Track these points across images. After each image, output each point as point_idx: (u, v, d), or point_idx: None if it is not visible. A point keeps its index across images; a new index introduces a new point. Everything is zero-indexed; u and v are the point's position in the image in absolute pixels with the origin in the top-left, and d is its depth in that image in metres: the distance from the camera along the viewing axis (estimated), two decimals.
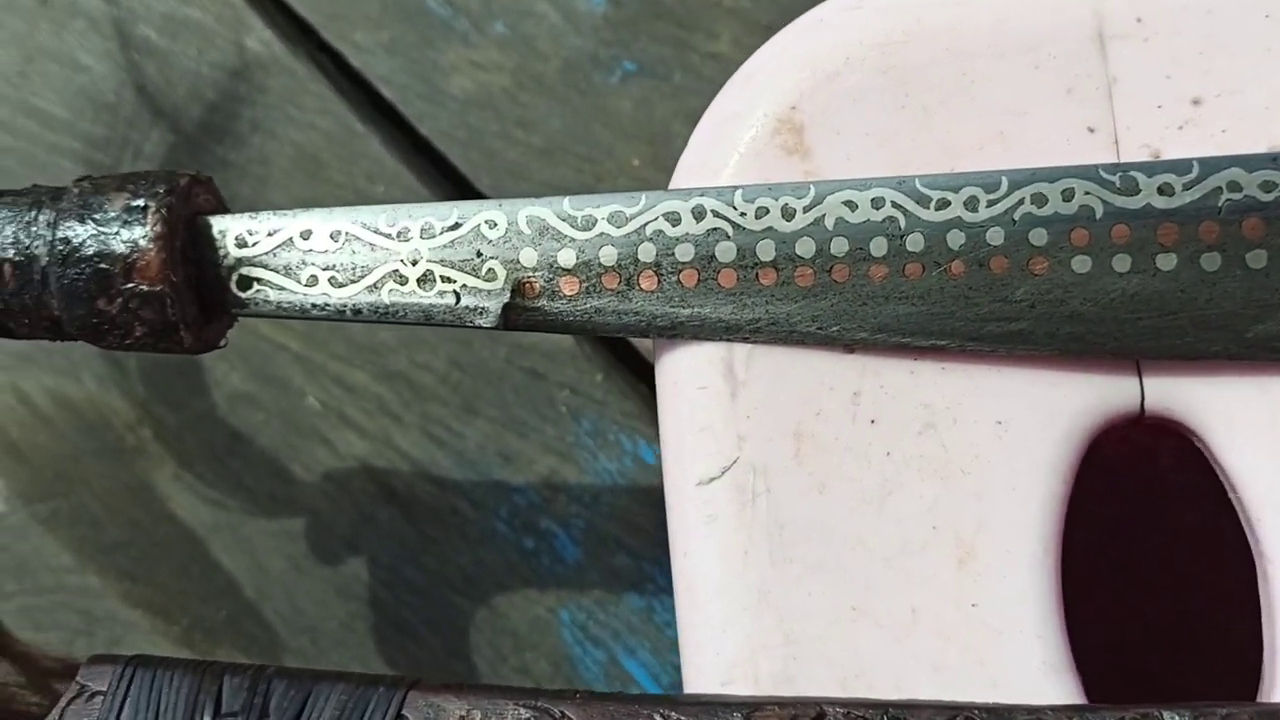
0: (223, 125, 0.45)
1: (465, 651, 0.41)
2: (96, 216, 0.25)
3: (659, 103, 0.41)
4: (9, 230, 0.26)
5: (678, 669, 0.39)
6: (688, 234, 0.23)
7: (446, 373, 0.42)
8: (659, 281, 0.23)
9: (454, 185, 0.43)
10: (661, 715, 0.21)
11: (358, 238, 0.25)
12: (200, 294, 0.26)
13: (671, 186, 0.25)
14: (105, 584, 0.43)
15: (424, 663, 0.41)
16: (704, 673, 0.24)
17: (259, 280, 0.25)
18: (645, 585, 0.40)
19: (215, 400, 0.43)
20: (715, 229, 0.23)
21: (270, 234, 0.25)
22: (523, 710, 0.22)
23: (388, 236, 0.25)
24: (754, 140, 0.24)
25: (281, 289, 0.25)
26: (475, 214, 0.24)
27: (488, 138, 0.42)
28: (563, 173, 0.42)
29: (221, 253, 0.26)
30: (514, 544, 0.41)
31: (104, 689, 0.23)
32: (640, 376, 0.42)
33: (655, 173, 0.41)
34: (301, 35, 0.45)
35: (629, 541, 0.40)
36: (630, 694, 0.21)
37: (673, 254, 0.23)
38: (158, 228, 0.25)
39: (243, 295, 0.25)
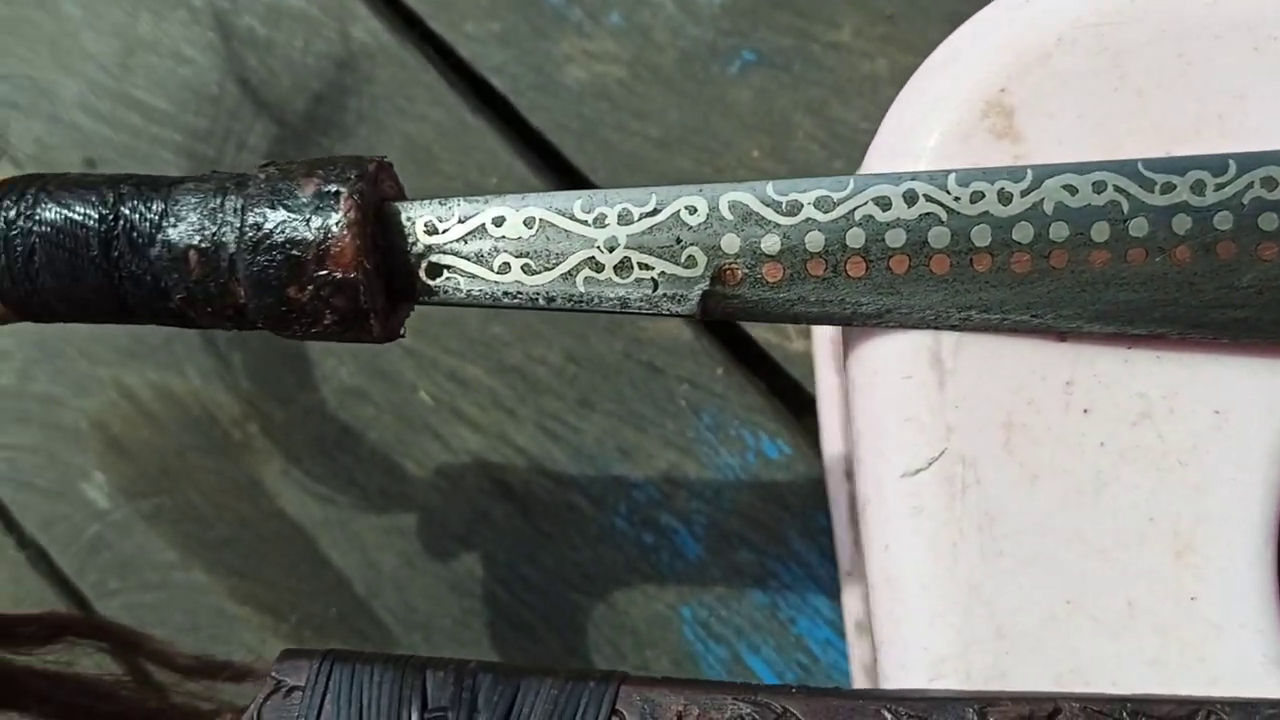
0: (329, 116, 0.44)
1: (584, 649, 0.40)
2: (288, 202, 0.25)
3: (779, 93, 0.41)
4: (194, 217, 0.25)
5: (803, 666, 0.39)
6: (899, 219, 0.23)
7: (562, 366, 0.41)
8: (867, 268, 0.23)
9: (568, 177, 0.43)
10: (890, 711, 0.21)
11: (552, 224, 0.24)
12: (388, 282, 0.25)
13: (863, 171, 0.25)
14: (212, 581, 0.43)
15: (541, 660, 0.41)
16: (908, 668, 0.23)
17: (449, 268, 0.25)
18: (769, 581, 0.39)
19: (324, 395, 0.43)
20: (928, 214, 0.23)
21: (461, 221, 0.25)
22: (742, 705, 0.21)
23: (583, 223, 0.24)
24: (959, 124, 0.24)
25: (473, 277, 0.25)
26: (674, 199, 0.24)
27: (603, 129, 0.42)
28: (680, 164, 0.41)
29: (410, 240, 0.25)
30: (633, 540, 0.40)
31: (301, 684, 0.23)
32: (760, 370, 0.41)
33: (775, 164, 0.41)
34: (409, 25, 0.45)
35: (752, 537, 0.39)
36: (853, 689, 0.20)
37: (883, 239, 0.23)
38: (351, 214, 0.24)
39: (432, 283, 0.25)
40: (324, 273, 0.24)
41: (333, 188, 0.25)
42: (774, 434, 0.39)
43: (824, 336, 0.37)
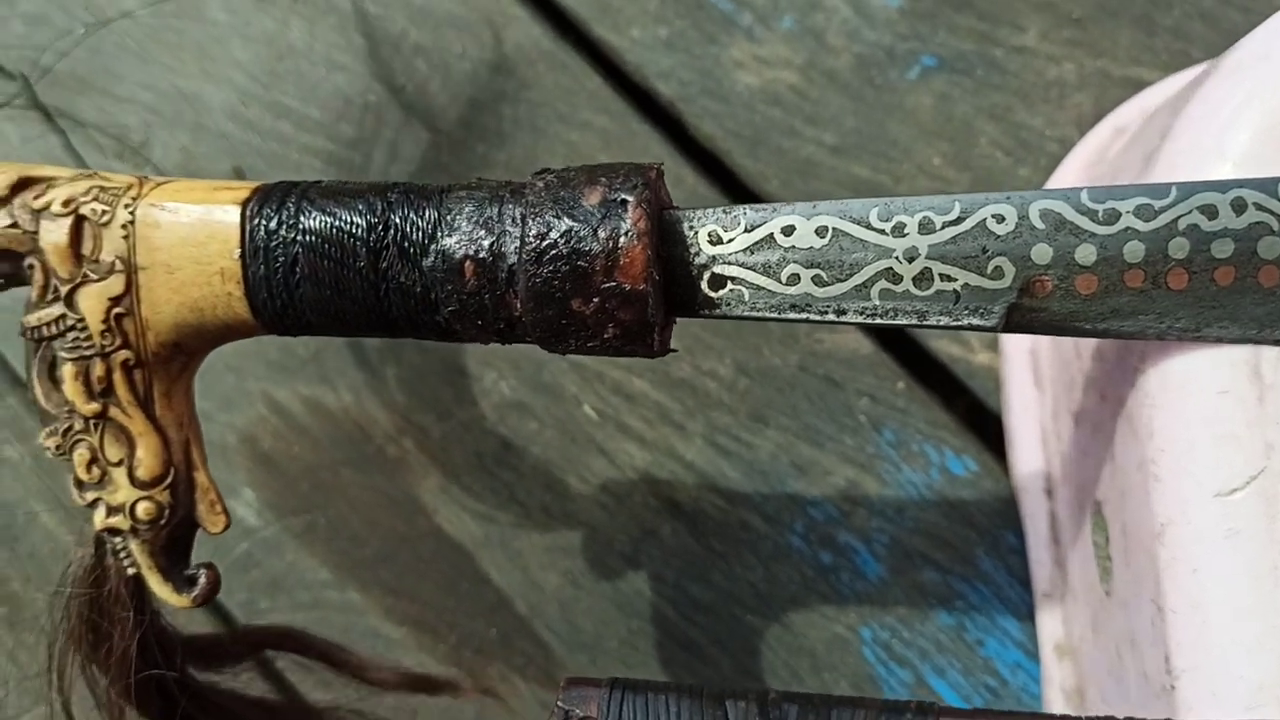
0: (486, 124, 0.44)
1: (758, 672, 0.40)
2: (573, 211, 0.24)
3: (961, 99, 0.40)
4: (469, 226, 0.25)
5: (991, 690, 0.38)
6: (1226, 228, 0.22)
7: (733, 380, 0.41)
8: (1189, 280, 0.22)
9: (738, 186, 0.42)
10: None
11: (846, 233, 0.24)
12: (668, 293, 0.25)
13: (1151, 179, 0.24)
14: (367, 600, 0.43)
15: (714, 684, 0.40)
16: (1220, 696, 0.23)
17: (733, 279, 0.24)
18: (954, 602, 0.38)
19: (483, 409, 0.43)
20: (1259, 223, 0.22)
21: (748, 230, 0.24)
22: None
23: (880, 231, 0.23)
24: (1274, 128, 0.23)
25: (758, 289, 0.24)
26: (980, 207, 0.23)
27: (775, 135, 0.41)
28: (857, 172, 0.41)
29: (693, 250, 0.25)
30: (810, 559, 0.40)
31: (593, 714, 0.22)
32: (943, 384, 0.40)
33: (957, 171, 0.40)
34: (569, 30, 0.44)
35: (936, 556, 0.39)
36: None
37: (1208, 250, 0.22)
38: (641, 223, 0.24)
39: (714, 295, 0.24)
40: (611, 284, 0.24)
41: (620, 195, 0.24)
42: (959, 450, 0.39)
43: (1019, 349, 0.36)
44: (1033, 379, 0.36)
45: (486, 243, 0.25)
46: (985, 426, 0.39)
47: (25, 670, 0.45)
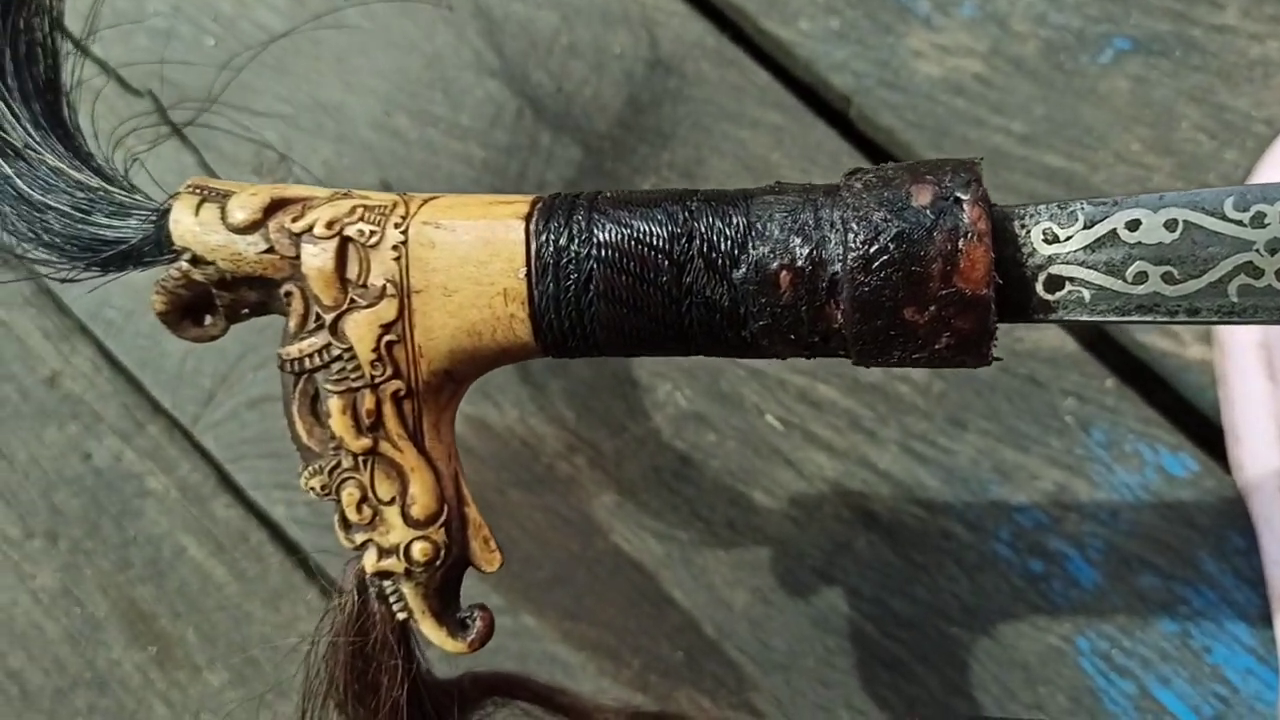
0: (648, 124, 0.53)
1: (966, 688, 0.47)
2: (904, 213, 0.27)
3: (1159, 82, 0.49)
4: (781, 234, 0.28)
5: (1221, 699, 0.45)
6: None
7: (927, 383, 0.49)
8: None
9: None
10: None
11: (1199, 226, 0.26)
12: (1000, 297, 0.26)
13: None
14: (542, 625, 0.51)
15: (919, 702, 0.47)
16: None
17: (1072, 280, 0.27)
18: (1178, 608, 0.46)
19: (658, 423, 0.51)
20: None
21: (1087, 226, 0.27)
22: None
23: (1238, 223, 0.25)
24: None
25: (1100, 290, 0.27)
26: None
27: (960, 126, 0.50)
28: (1050, 161, 0.49)
29: (1026, 250, 0.27)
30: (1018, 568, 0.47)
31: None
32: (1153, 381, 0.48)
33: (1158, 157, 0.48)
34: (734, 25, 0.53)
35: (1156, 561, 0.46)
36: None
37: None
38: (980, 223, 0.26)
39: (1050, 298, 0.27)
40: (950, 290, 0.26)
41: (954, 193, 0.26)
42: (1175, 448, 0.46)
43: (1245, 342, 0.44)
44: (1265, 372, 0.43)
45: (804, 251, 0.27)
46: (1200, 424, 0.47)
47: (178, 713, 0.53)
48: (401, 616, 0.35)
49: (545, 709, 0.42)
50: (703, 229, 0.30)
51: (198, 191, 0.34)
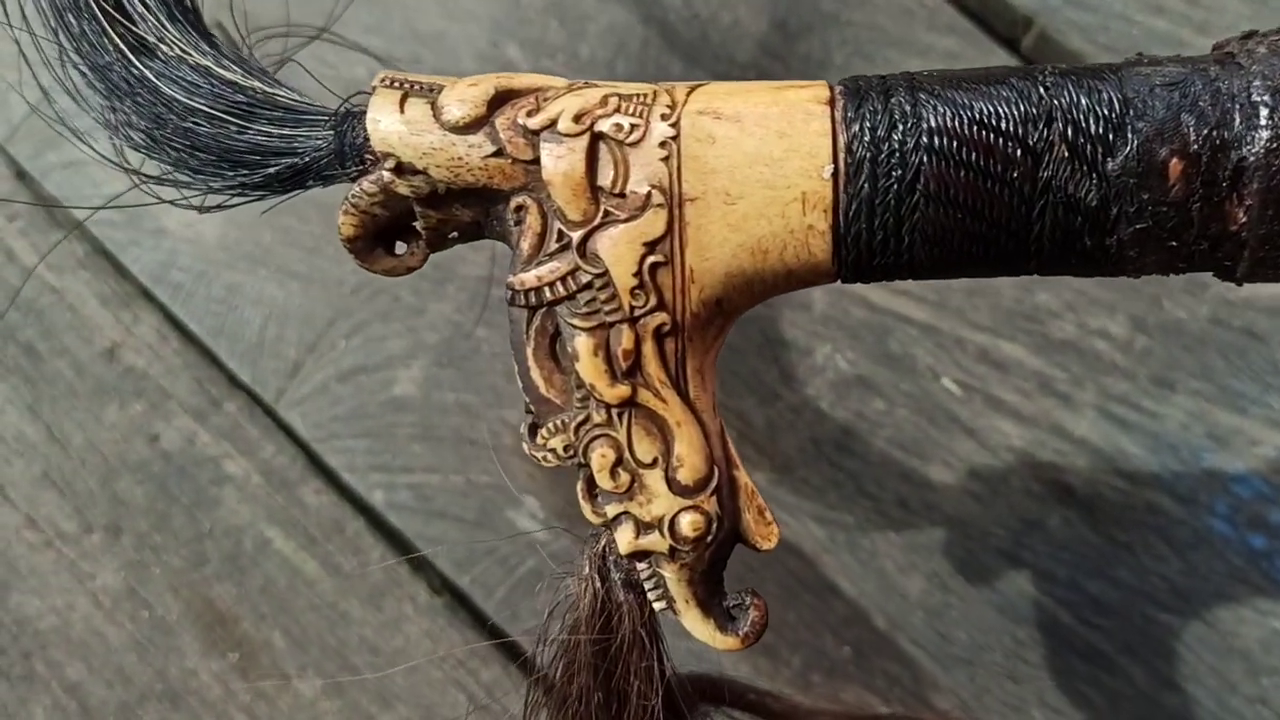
0: (799, 53, 0.59)
1: (1178, 681, 0.53)
2: None
3: None
4: (1166, 114, 0.28)
5: None
6: None
7: (1129, 339, 0.55)
8: None
9: None
10: None
11: None
12: None
13: None
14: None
15: (1124, 697, 0.53)
16: None
17: None
18: None
19: (816, 389, 0.57)
20: None
21: None
22: None
23: None
24: None
25: None
26: None
27: (1160, 50, 0.55)
28: None
29: None
30: (1237, 545, 0.53)
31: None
32: None
33: None
34: None
35: None
36: None
37: None
38: None
39: None
40: None
41: None
42: None
43: None
44: None
45: (1201, 132, 0.28)
46: None
47: None
48: (659, 607, 0.35)
49: (756, 715, 0.45)
50: (1064, 107, 0.30)
51: (397, 85, 0.34)
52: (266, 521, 0.60)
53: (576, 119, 0.33)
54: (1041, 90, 0.31)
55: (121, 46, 0.37)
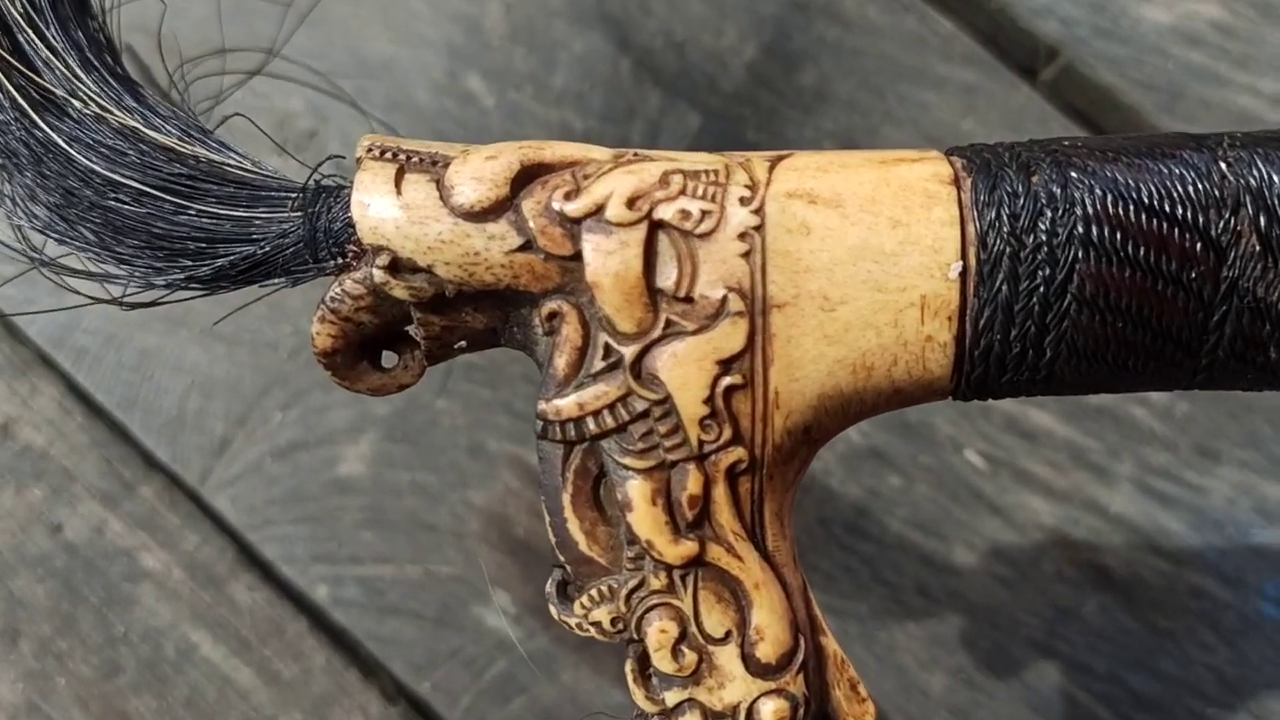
0: (797, 85, 0.62)
1: None
2: None
3: None
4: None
5: None
6: None
7: (1169, 405, 0.59)
8: None
9: None
10: None
11: None
12: None
13: None
14: None
15: None
16: None
17: None
18: None
19: (825, 463, 0.60)
20: None
21: None
22: None
23: None
24: None
25: None
26: None
27: (1197, 85, 0.62)
28: None
29: None
30: None
31: None
32: None
33: None
34: None
35: None
36: None
37: None
38: None
39: None
40: None
41: None
42: None
43: None
44: None
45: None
46: None
47: None
48: None
49: None
50: (1253, 187, 0.30)
51: (389, 156, 0.32)
52: (191, 623, 0.61)
53: (630, 204, 0.31)
54: (1223, 166, 0.30)
55: (20, 101, 0.34)
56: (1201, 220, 0.29)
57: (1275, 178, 0.29)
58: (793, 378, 0.31)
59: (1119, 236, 0.30)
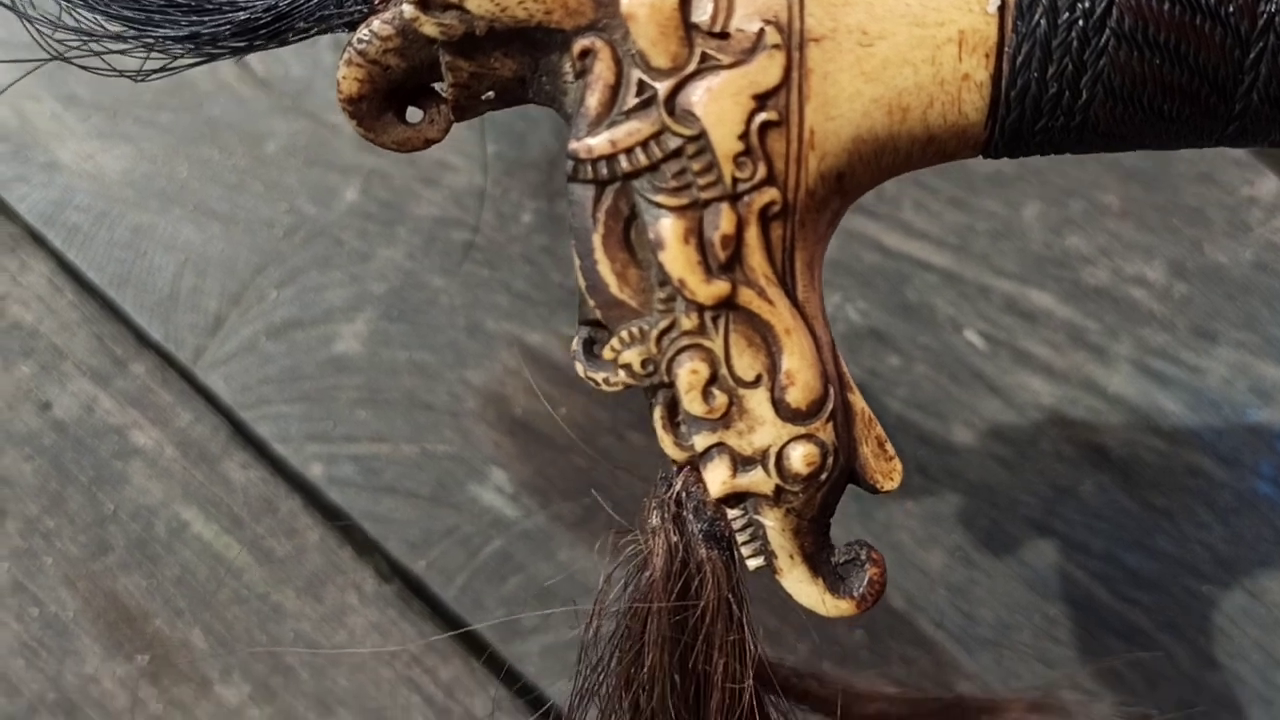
0: None
1: (1222, 658, 0.61)
2: None
3: None
4: None
5: None
6: None
7: (1167, 285, 0.63)
8: None
9: None
10: None
11: None
12: None
13: None
14: None
15: (1163, 677, 0.61)
16: None
17: None
18: None
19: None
20: None
21: None
22: None
23: None
24: None
25: None
26: None
27: None
28: None
29: None
30: None
31: None
32: None
33: None
34: None
35: None
36: None
37: None
38: None
39: None
40: None
41: None
42: None
43: None
44: None
45: None
46: None
47: None
48: (753, 565, 0.35)
49: (800, 703, 0.48)
50: None
51: None
52: (183, 501, 0.63)
53: None
54: None
55: None
56: None
57: None
58: (828, 116, 0.32)
59: None
